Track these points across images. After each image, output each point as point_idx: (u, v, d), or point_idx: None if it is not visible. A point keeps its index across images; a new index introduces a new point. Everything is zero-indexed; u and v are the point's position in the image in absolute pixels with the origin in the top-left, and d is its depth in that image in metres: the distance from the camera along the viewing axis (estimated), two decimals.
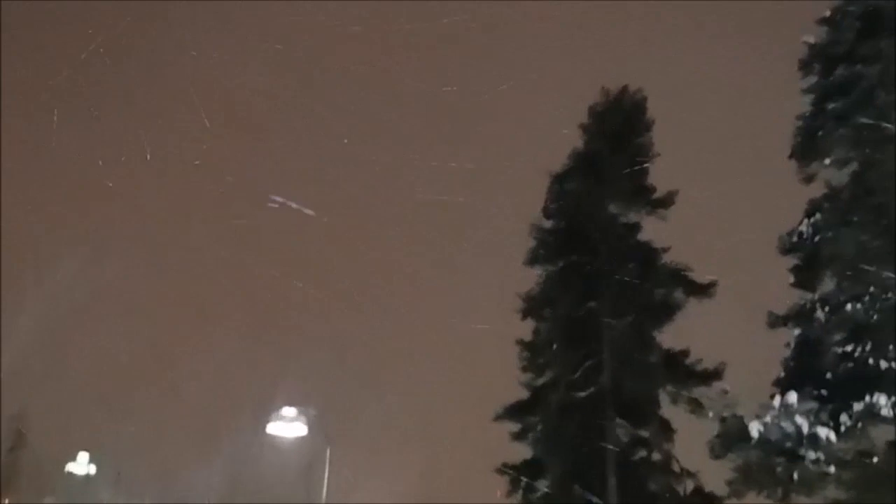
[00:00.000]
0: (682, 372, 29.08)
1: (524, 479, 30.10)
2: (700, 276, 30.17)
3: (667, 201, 30.66)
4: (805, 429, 19.78)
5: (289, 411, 16.40)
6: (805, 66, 24.17)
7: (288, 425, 16.27)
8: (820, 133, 23.56)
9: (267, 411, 15.00)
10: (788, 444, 20.07)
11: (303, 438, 17.12)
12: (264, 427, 15.07)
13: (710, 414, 20.98)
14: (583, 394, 29.53)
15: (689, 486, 29.19)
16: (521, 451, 30.86)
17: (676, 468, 29.38)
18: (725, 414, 21.53)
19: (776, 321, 24.18)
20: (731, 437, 20.53)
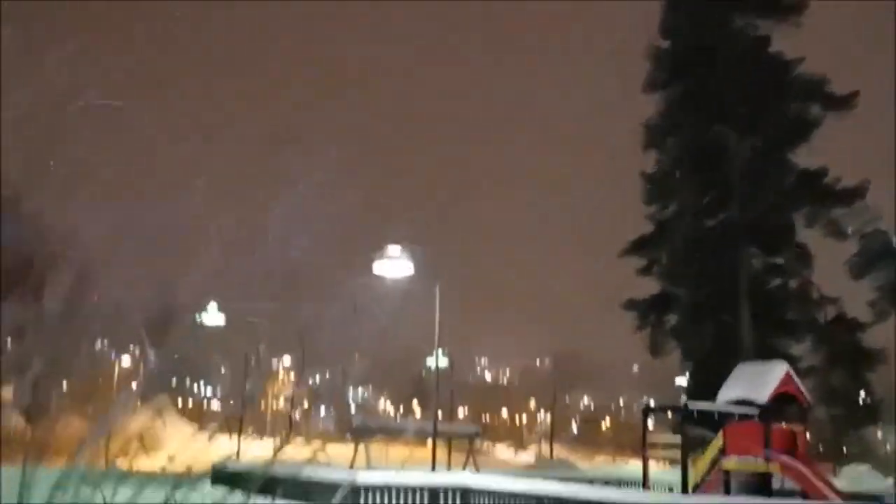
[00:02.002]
0: (820, 192, 26.99)
1: (652, 314, 29.35)
2: (839, 87, 27.57)
3: (799, 6, 27.72)
4: None
5: (394, 249, 15.93)
6: None
7: (394, 264, 15.83)
8: None
9: (374, 251, 14.53)
10: None
11: (410, 278, 16.68)
12: (370, 267, 14.62)
13: (850, 230, 19.11)
14: (711, 222, 28.05)
15: (830, 312, 27.72)
16: (648, 287, 30.01)
17: (815, 295, 27.83)
18: (867, 230, 19.64)
19: None
20: (873, 253, 18.82)
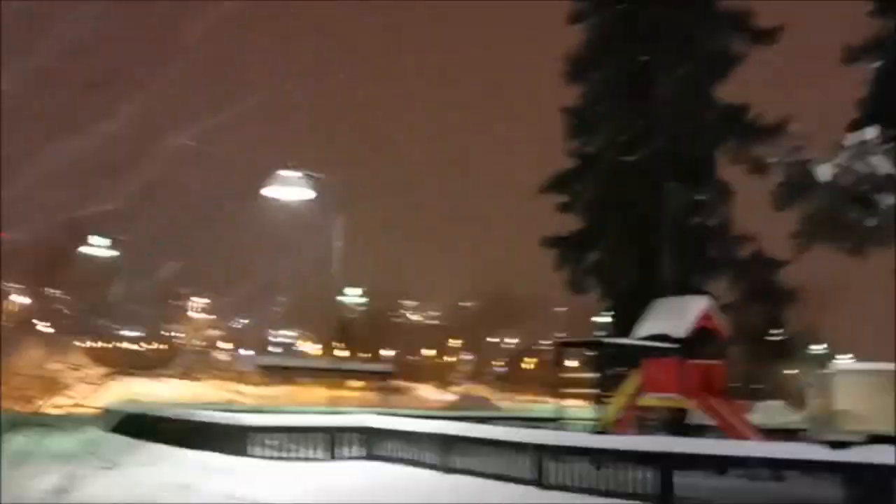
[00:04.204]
0: (743, 127, 26.49)
1: (573, 251, 28.71)
2: (765, 20, 26.91)
3: None
4: (883, 169, 17.35)
5: (288, 174, 14.59)
6: None
7: (288, 189, 14.51)
8: None
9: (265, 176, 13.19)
10: (863, 189, 17.75)
11: (310, 204, 15.43)
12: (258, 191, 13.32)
13: (774, 160, 18.46)
14: (635, 157, 27.30)
15: (748, 250, 27.52)
16: (570, 224, 29.30)
17: (735, 232, 27.56)
18: (790, 160, 19.08)
19: (852, 55, 21.23)
20: (797, 183, 18.24)
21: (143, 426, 17.94)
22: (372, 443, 14.49)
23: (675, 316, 18.75)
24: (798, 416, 27.35)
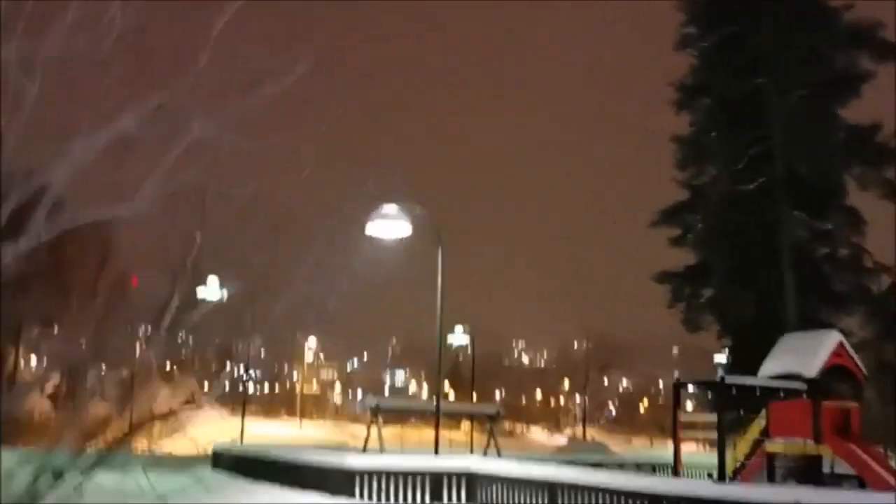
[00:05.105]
0: (873, 150, 24.66)
1: (687, 286, 27.24)
2: (892, 34, 25.12)
3: None
4: None
5: (390, 208, 14.12)
6: None
7: (389, 224, 14.03)
8: None
9: (366, 210, 12.75)
10: None
11: (415, 242, 14.94)
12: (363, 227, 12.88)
13: None
14: (751, 185, 25.80)
15: (885, 282, 25.44)
16: (684, 258, 27.89)
17: (868, 263, 25.55)
18: None
19: None
20: None
21: (255, 466, 17.98)
22: (477, 486, 13.79)
23: (805, 353, 17.21)
24: None
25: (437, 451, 15.76)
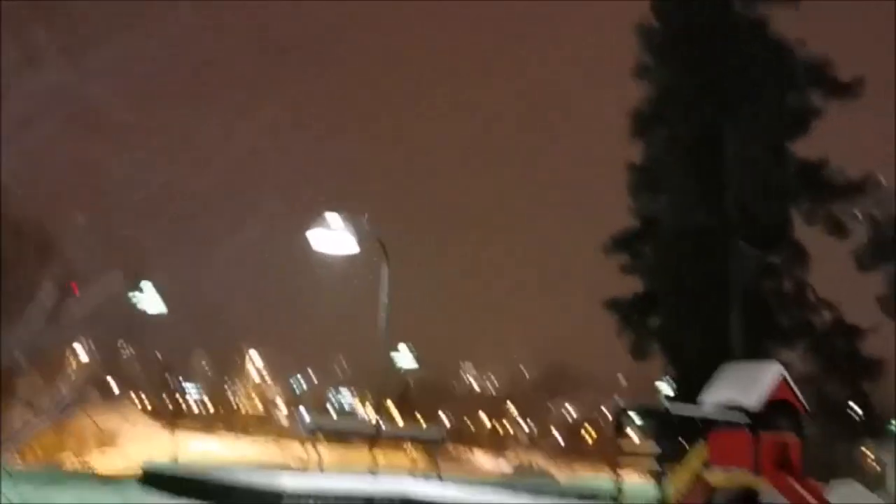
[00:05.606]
0: (820, 185, 24.98)
1: (635, 314, 27.24)
2: (843, 72, 25.55)
3: None
4: None
5: (332, 218, 13.76)
6: None
7: (331, 236, 13.65)
8: None
9: (308, 217, 12.40)
10: None
11: (358, 258, 14.59)
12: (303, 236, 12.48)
13: (858, 217, 17.05)
14: (702, 217, 25.92)
15: (828, 317, 25.67)
16: (633, 285, 27.90)
17: (812, 298, 25.77)
18: (877, 213, 17.58)
19: None
20: (886, 242, 16.77)
21: (184, 485, 17.46)
22: None
23: (747, 383, 17.14)
24: (877, 497, 25.09)
25: (374, 474, 15.33)
